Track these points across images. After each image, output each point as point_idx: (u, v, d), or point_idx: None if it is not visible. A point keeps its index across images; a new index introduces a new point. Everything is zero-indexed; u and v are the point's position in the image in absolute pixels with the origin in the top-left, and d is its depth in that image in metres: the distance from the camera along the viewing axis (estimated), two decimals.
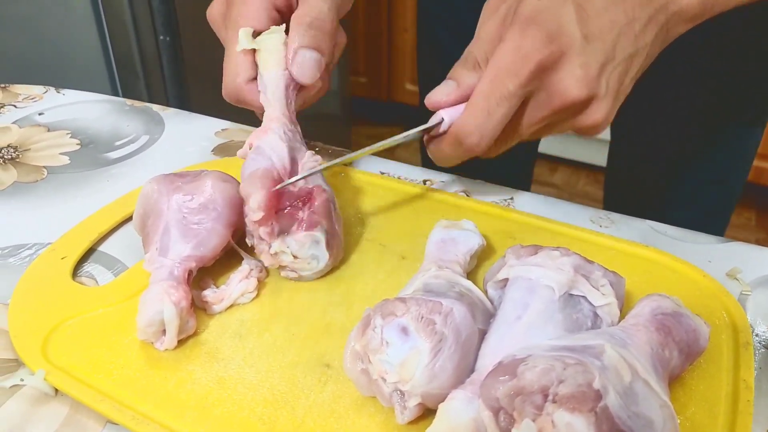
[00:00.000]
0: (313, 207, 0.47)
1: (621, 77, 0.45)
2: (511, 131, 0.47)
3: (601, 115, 0.45)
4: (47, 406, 0.39)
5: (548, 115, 0.45)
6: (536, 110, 0.45)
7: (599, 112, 0.45)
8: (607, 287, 0.40)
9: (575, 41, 0.43)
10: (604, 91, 0.44)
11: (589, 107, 0.45)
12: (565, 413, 0.30)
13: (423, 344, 0.36)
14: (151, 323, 0.41)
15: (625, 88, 0.46)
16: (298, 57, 0.49)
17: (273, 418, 0.38)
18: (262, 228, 0.46)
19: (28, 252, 0.51)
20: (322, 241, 0.47)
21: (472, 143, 0.46)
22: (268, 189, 0.45)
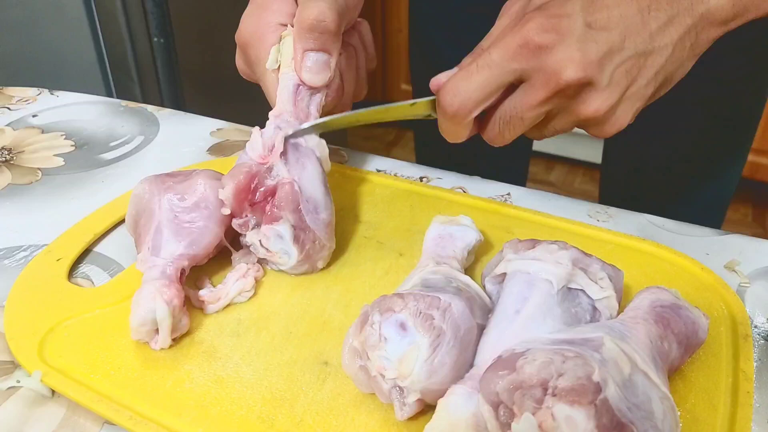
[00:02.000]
0: (275, 201, 0.46)
1: (631, 73, 0.44)
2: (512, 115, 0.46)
3: (601, 104, 0.44)
4: (44, 407, 0.39)
5: (544, 99, 0.44)
6: (531, 91, 0.44)
7: (598, 101, 0.44)
8: (606, 280, 0.40)
9: (576, 27, 0.43)
10: (606, 80, 0.43)
11: (588, 94, 0.44)
12: (565, 406, 0.30)
13: (421, 339, 0.35)
14: (144, 323, 0.41)
15: (640, 88, 0.45)
16: (305, 61, 0.49)
17: (272, 417, 0.38)
18: (234, 220, 0.46)
19: (23, 254, 0.51)
20: (287, 236, 0.46)
21: (446, 102, 0.45)
22: (237, 182, 0.45)
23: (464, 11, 0.76)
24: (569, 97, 0.44)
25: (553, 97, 0.44)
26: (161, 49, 1.33)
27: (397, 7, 2.14)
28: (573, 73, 0.42)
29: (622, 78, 0.44)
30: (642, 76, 0.44)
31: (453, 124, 0.46)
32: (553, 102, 0.44)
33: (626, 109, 0.45)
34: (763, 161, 1.88)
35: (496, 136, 0.47)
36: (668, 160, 0.77)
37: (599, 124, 0.46)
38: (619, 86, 0.44)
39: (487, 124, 0.47)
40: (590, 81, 0.43)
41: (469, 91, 0.44)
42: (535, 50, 0.42)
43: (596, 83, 0.43)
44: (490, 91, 0.44)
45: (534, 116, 0.45)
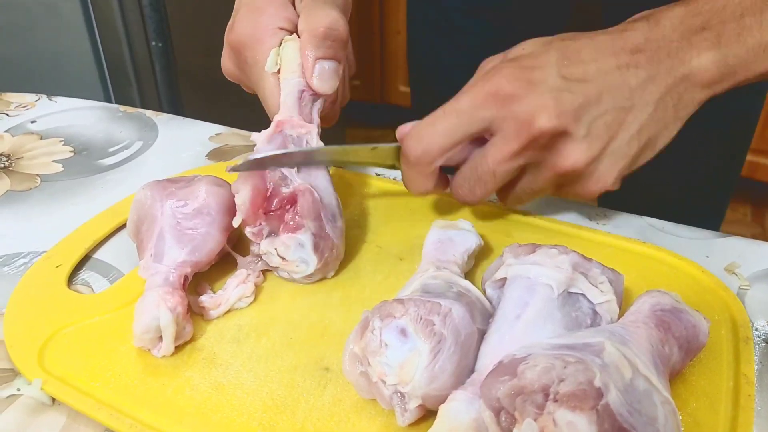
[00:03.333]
0: (296, 209, 0.45)
1: (612, 128, 0.42)
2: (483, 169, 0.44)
3: (580, 156, 0.41)
4: (44, 415, 0.39)
5: (516, 150, 0.42)
6: (502, 142, 0.42)
7: (576, 152, 0.41)
8: (606, 284, 0.40)
9: (550, 77, 0.41)
10: (583, 131, 0.41)
11: (564, 145, 0.42)
12: (567, 412, 0.30)
13: (422, 345, 0.35)
14: (148, 330, 0.41)
15: (622, 145, 0.43)
16: (317, 69, 0.48)
17: (273, 423, 0.38)
18: (248, 228, 0.46)
19: (22, 261, 0.51)
20: (308, 245, 0.45)
21: (408, 147, 0.43)
22: (254, 187, 0.45)
23: (461, 14, 0.76)
24: (544, 149, 0.42)
25: (527, 148, 0.42)
26: (159, 53, 1.33)
27: (395, 9, 2.14)
28: (546, 121, 0.41)
29: (601, 131, 0.42)
30: (624, 131, 0.42)
31: (415, 173, 0.45)
32: (527, 154, 0.42)
33: (609, 166, 0.43)
34: (761, 161, 1.88)
35: (466, 193, 0.46)
36: (666, 161, 0.76)
37: (580, 179, 0.43)
38: (599, 139, 0.42)
39: (457, 180, 0.46)
40: (565, 130, 0.41)
41: (433, 136, 0.43)
42: (506, 98, 0.41)
43: (572, 134, 0.41)
44: (456, 140, 0.43)
45: (506, 170, 0.43)
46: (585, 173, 0.43)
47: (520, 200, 0.47)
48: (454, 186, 0.46)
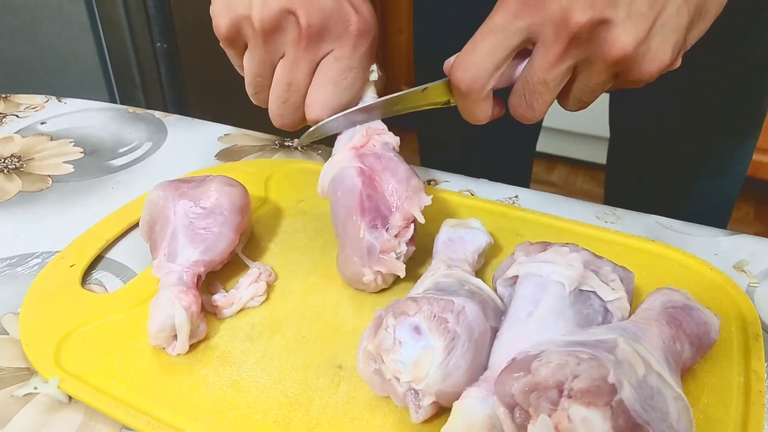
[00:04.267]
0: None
1: (655, 2, 0.39)
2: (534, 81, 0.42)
3: (627, 39, 0.39)
4: (61, 413, 0.39)
5: (561, 52, 0.40)
6: (545, 49, 0.41)
7: (622, 36, 0.39)
8: (617, 282, 0.40)
9: None
10: (622, 14, 0.39)
11: (607, 33, 0.40)
12: (581, 408, 0.30)
13: (436, 343, 0.36)
14: (163, 328, 0.41)
15: (671, 17, 0.40)
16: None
17: (287, 420, 0.38)
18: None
19: (36, 261, 0.51)
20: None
21: (457, 79, 0.43)
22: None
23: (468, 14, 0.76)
24: (587, 43, 0.40)
25: (570, 47, 0.40)
26: (164, 54, 1.33)
27: (397, 8, 2.14)
28: (581, 15, 0.39)
29: (644, 8, 0.39)
30: (670, 3, 0.40)
31: (470, 102, 0.44)
32: (572, 54, 0.41)
33: (662, 42, 0.41)
34: (765, 160, 1.88)
35: (525, 110, 0.44)
36: (673, 159, 0.77)
37: (635, 64, 0.41)
38: (644, 17, 0.40)
39: (513, 100, 0.44)
40: (603, 18, 0.39)
41: (478, 61, 0.42)
42: (537, 2, 0.40)
43: (612, 19, 0.39)
44: (500, 58, 0.42)
45: (557, 77, 0.42)
46: (637, 55, 0.41)
47: (581, 102, 0.45)
48: (511, 106, 0.45)
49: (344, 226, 0.46)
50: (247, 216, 0.49)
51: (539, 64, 0.42)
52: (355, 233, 0.45)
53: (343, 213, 0.46)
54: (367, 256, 0.45)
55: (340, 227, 0.46)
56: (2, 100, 0.76)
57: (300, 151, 0.67)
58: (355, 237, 0.45)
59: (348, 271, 0.47)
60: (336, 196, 0.47)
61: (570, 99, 0.45)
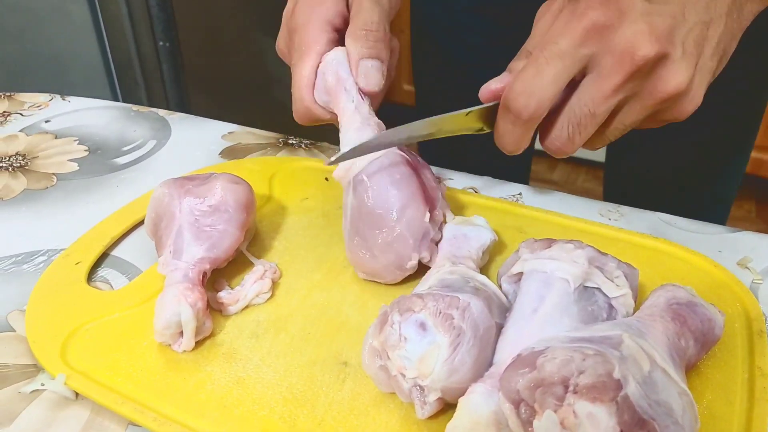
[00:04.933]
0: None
1: (699, 42, 0.40)
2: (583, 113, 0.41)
3: (682, 77, 0.39)
4: (68, 410, 0.40)
5: (619, 84, 0.39)
6: (602, 79, 0.40)
7: (678, 74, 0.39)
8: (622, 278, 0.40)
9: (636, 3, 0.39)
10: (679, 52, 0.39)
11: (665, 69, 0.40)
12: (587, 403, 0.30)
13: (442, 339, 0.36)
14: (169, 325, 0.41)
15: (707, 60, 0.41)
16: (361, 68, 0.49)
17: (293, 417, 0.38)
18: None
19: (41, 258, 0.51)
20: None
21: (518, 106, 0.41)
22: None
23: (465, 12, 0.77)
24: (645, 78, 0.40)
25: (629, 80, 0.40)
26: (166, 53, 1.33)
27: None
28: (649, 47, 0.38)
29: (692, 48, 0.40)
30: (708, 44, 0.41)
31: (525, 129, 0.42)
32: (628, 87, 0.40)
33: (700, 83, 0.41)
34: (766, 158, 1.88)
35: (564, 143, 0.43)
36: (672, 157, 0.77)
37: (679, 101, 0.41)
38: (693, 57, 0.40)
39: (551, 131, 0.43)
40: (665, 54, 0.39)
41: (544, 87, 0.40)
42: (602, 31, 0.39)
43: (671, 56, 0.39)
44: (563, 85, 0.40)
45: (607, 109, 0.41)
46: (684, 94, 0.41)
47: (606, 140, 0.44)
48: (548, 140, 0.43)
49: (401, 208, 0.46)
50: (252, 213, 0.50)
51: (593, 94, 0.40)
52: (418, 216, 0.46)
53: (394, 195, 0.46)
54: (421, 239, 0.47)
55: (385, 209, 0.46)
56: (6, 99, 0.77)
57: (304, 149, 0.67)
58: (417, 220, 0.46)
59: (392, 253, 0.46)
60: (381, 176, 0.47)
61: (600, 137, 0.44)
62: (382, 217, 0.46)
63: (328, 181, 0.60)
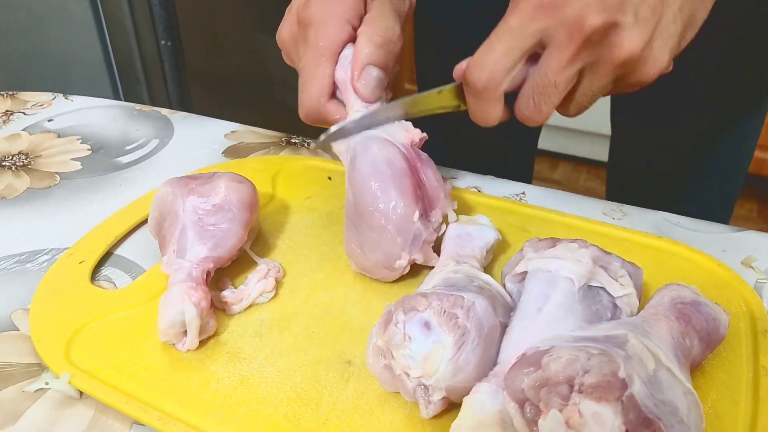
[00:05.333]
0: None
1: (656, 9, 0.42)
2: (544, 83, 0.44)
3: (634, 41, 0.42)
4: (72, 409, 0.40)
5: (572, 55, 0.42)
6: (557, 51, 0.42)
7: (630, 39, 0.42)
8: (626, 278, 0.40)
9: None
10: (630, 19, 0.41)
11: (617, 36, 0.42)
12: (592, 403, 0.30)
13: (446, 338, 0.36)
14: (173, 324, 0.41)
15: (668, 24, 0.43)
16: (364, 73, 0.49)
17: (298, 416, 0.38)
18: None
19: (45, 257, 0.51)
20: None
21: (472, 79, 0.44)
22: None
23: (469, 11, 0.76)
24: (598, 46, 0.42)
25: (581, 51, 0.42)
26: (168, 52, 1.33)
27: None
28: (595, 18, 0.41)
29: (648, 14, 0.42)
30: (667, 11, 0.43)
31: (484, 102, 0.45)
32: (583, 56, 0.42)
33: (661, 47, 0.43)
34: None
35: (532, 112, 0.45)
36: (674, 156, 0.77)
37: (638, 66, 0.43)
38: (648, 23, 0.42)
39: (520, 102, 0.45)
40: (614, 22, 0.41)
41: (495, 60, 0.43)
42: (551, 6, 0.41)
43: (621, 23, 0.41)
44: (515, 58, 0.43)
45: (566, 78, 0.43)
46: (642, 58, 0.43)
47: (581, 106, 0.47)
48: (518, 108, 0.46)
49: (391, 206, 0.46)
50: (255, 213, 0.50)
51: (551, 66, 0.43)
52: (407, 215, 0.46)
53: (385, 193, 0.46)
54: (412, 240, 0.46)
55: (373, 204, 0.46)
56: (9, 98, 0.77)
57: (307, 148, 0.67)
58: (406, 219, 0.46)
59: (380, 252, 0.46)
60: (374, 172, 0.47)
61: (571, 104, 0.46)
62: (372, 214, 0.46)
63: (331, 180, 0.60)
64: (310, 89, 0.50)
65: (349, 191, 0.47)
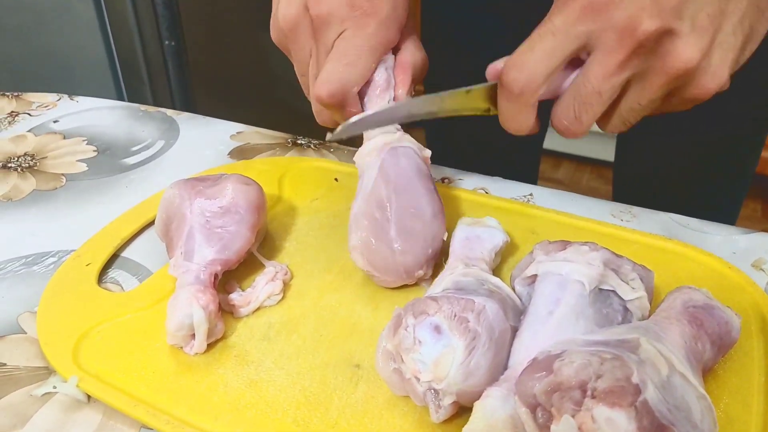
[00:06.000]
0: None
1: (715, 19, 0.39)
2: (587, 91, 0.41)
3: (693, 50, 0.39)
4: (80, 413, 0.39)
5: (621, 61, 0.39)
6: (605, 56, 0.39)
7: (688, 47, 0.38)
8: (637, 281, 0.40)
9: None
10: (688, 26, 0.38)
11: (672, 44, 0.39)
12: (605, 408, 0.30)
13: (457, 342, 0.36)
14: (181, 327, 0.41)
15: (728, 36, 0.40)
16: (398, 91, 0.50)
17: (307, 420, 0.38)
18: None
19: (52, 260, 0.51)
20: None
21: (509, 80, 0.41)
22: None
23: (476, 9, 0.76)
24: (650, 53, 0.39)
25: (632, 57, 0.39)
26: (172, 52, 1.33)
27: None
28: (650, 23, 0.38)
29: (706, 23, 0.39)
30: (727, 20, 0.40)
31: (519, 105, 0.42)
32: (632, 64, 0.40)
33: (720, 59, 0.40)
34: None
35: (572, 122, 0.42)
36: (681, 156, 0.76)
37: (695, 79, 0.40)
38: (706, 32, 0.39)
39: (559, 111, 0.42)
40: (670, 29, 0.38)
41: (535, 62, 0.40)
42: (601, 8, 0.39)
43: (677, 31, 0.38)
44: (557, 61, 0.40)
45: (612, 87, 0.40)
46: (699, 70, 0.40)
47: (625, 122, 0.44)
48: (556, 119, 0.43)
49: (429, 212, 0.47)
50: (262, 214, 0.49)
51: (596, 72, 0.40)
52: (441, 231, 0.48)
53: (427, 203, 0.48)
54: (432, 256, 0.48)
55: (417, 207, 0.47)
56: (14, 99, 0.77)
57: (313, 149, 0.67)
58: (440, 233, 0.48)
59: (411, 255, 0.46)
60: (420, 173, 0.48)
61: (614, 117, 0.43)
62: (413, 216, 0.47)
63: (338, 181, 0.60)
64: (351, 72, 0.47)
65: (380, 186, 0.46)
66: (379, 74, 0.49)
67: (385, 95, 0.49)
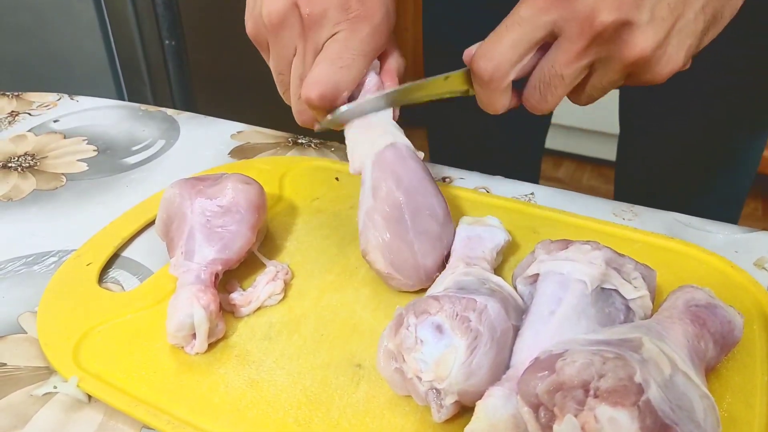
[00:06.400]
0: None
1: (676, 8, 0.41)
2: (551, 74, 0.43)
3: (646, 42, 0.41)
4: (81, 413, 0.39)
5: (582, 49, 0.41)
6: (567, 44, 0.42)
7: (642, 39, 0.41)
8: (639, 280, 0.40)
9: None
10: (645, 17, 0.40)
11: (629, 35, 0.41)
12: (608, 408, 0.30)
13: (459, 342, 0.35)
14: (182, 327, 0.41)
15: (688, 22, 0.42)
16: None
17: (308, 419, 0.38)
18: None
19: (52, 259, 0.51)
20: None
21: (479, 67, 0.43)
22: None
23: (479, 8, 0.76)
24: (608, 42, 0.41)
25: (591, 46, 0.41)
26: (172, 51, 1.33)
27: (403, 6, 2.13)
28: (607, 15, 0.40)
29: (665, 13, 0.41)
30: (689, 8, 0.42)
31: (490, 91, 0.45)
32: (592, 52, 0.42)
33: (677, 46, 0.42)
34: None
35: (538, 101, 0.45)
36: (684, 155, 0.76)
37: (650, 65, 0.43)
38: (664, 22, 0.41)
39: (527, 91, 0.45)
40: (628, 21, 0.40)
41: (502, 51, 0.43)
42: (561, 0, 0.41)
43: (635, 22, 0.40)
44: (523, 50, 0.43)
45: (574, 72, 0.43)
46: (654, 58, 0.42)
47: (591, 98, 0.46)
48: (525, 97, 0.46)
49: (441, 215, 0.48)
50: (263, 214, 0.49)
51: (559, 58, 0.42)
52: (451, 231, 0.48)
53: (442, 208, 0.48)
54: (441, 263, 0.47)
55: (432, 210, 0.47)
56: (14, 98, 0.76)
57: (314, 149, 0.67)
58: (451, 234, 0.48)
59: (431, 259, 0.46)
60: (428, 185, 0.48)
61: (582, 95, 0.46)
62: (428, 219, 0.47)
63: (339, 180, 0.60)
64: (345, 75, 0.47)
65: (392, 186, 0.46)
66: (369, 78, 0.49)
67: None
